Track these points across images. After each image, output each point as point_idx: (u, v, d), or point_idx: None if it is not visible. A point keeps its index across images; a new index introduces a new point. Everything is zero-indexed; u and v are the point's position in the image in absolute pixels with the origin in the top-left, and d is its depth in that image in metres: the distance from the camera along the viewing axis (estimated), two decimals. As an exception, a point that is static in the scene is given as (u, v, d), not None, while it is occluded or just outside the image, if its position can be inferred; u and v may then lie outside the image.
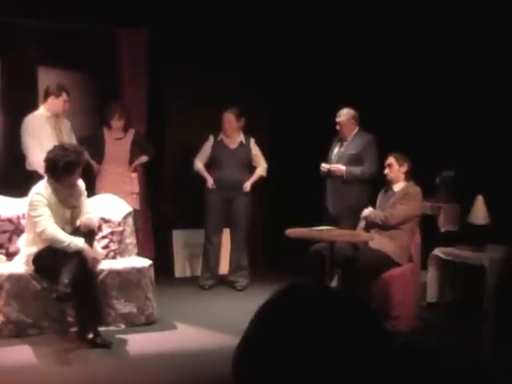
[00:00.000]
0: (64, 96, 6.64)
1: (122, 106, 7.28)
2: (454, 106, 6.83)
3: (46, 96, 6.65)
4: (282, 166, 7.85)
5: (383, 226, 6.05)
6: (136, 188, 7.35)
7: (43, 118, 6.60)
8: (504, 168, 6.29)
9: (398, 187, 6.15)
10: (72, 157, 5.38)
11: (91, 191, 6.70)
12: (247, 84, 8.02)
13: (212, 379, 4.57)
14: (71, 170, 5.41)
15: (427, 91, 7.00)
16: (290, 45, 8.03)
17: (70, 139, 6.74)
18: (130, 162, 7.29)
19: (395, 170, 6.13)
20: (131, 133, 7.30)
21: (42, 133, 6.52)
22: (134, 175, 7.36)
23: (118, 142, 7.22)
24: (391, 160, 6.15)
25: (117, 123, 7.16)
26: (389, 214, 6.01)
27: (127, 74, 7.71)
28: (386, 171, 6.18)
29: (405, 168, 6.12)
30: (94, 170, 7.11)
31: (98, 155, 7.14)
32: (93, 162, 7.08)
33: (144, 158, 7.34)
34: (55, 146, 5.57)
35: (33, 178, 6.13)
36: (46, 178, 5.50)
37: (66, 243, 5.25)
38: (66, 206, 5.51)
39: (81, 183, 5.65)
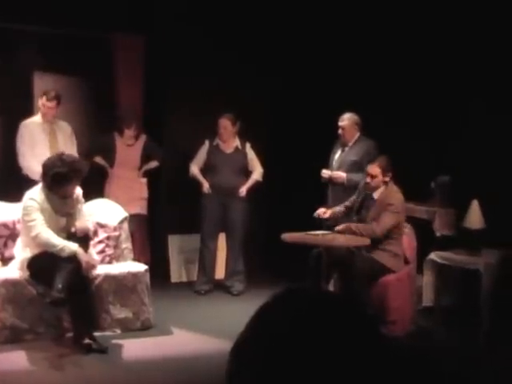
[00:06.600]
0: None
1: (135, 115, 7.40)
2: (450, 111, 6.84)
3: (38, 102, 6.79)
4: (279, 171, 7.84)
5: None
6: (145, 193, 7.40)
7: (37, 123, 6.71)
8: (499, 172, 6.30)
9: (377, 194, 5.99)
10: (63, 169, 5.23)
11: (101, 196, 6.73)
12: (245, 88, 8.01)
13: (208, 384, 4.56)
14: (61, 182, 5.28)
15: (424, 96, 7.01)
16: (288, 49, 8.02)
17: (68, 143, 6.76)
18: (140, 168, 7.34)
19: (379, 180, 5.93)
20: (142, 139, 7.37)
21: (35, 138, 6.62)
22: (144, 180, 7.42)
23: (129, 148, 7.28)
24: (376, 171, 5.90)
25: (130, 132, 7.24)
26: (375, 227, 5.83)
27: (123, 78, 7.72)
28: (368, 180, 5.94)
29: (389, 177, 5.95)
30: (107, 175, 7.18)
31: (109, 161, 7.20)
32: (106, 166, 7.16)
33: (154, 164, 7.41)
34: (57, 155, 5.50)
35: (28, 183, 6.13)
36: (41, 183, 5.46)
37: (60, 247, 5.22)
38: (60, 213, 5.46)
39: (78, 191, 5.57)
